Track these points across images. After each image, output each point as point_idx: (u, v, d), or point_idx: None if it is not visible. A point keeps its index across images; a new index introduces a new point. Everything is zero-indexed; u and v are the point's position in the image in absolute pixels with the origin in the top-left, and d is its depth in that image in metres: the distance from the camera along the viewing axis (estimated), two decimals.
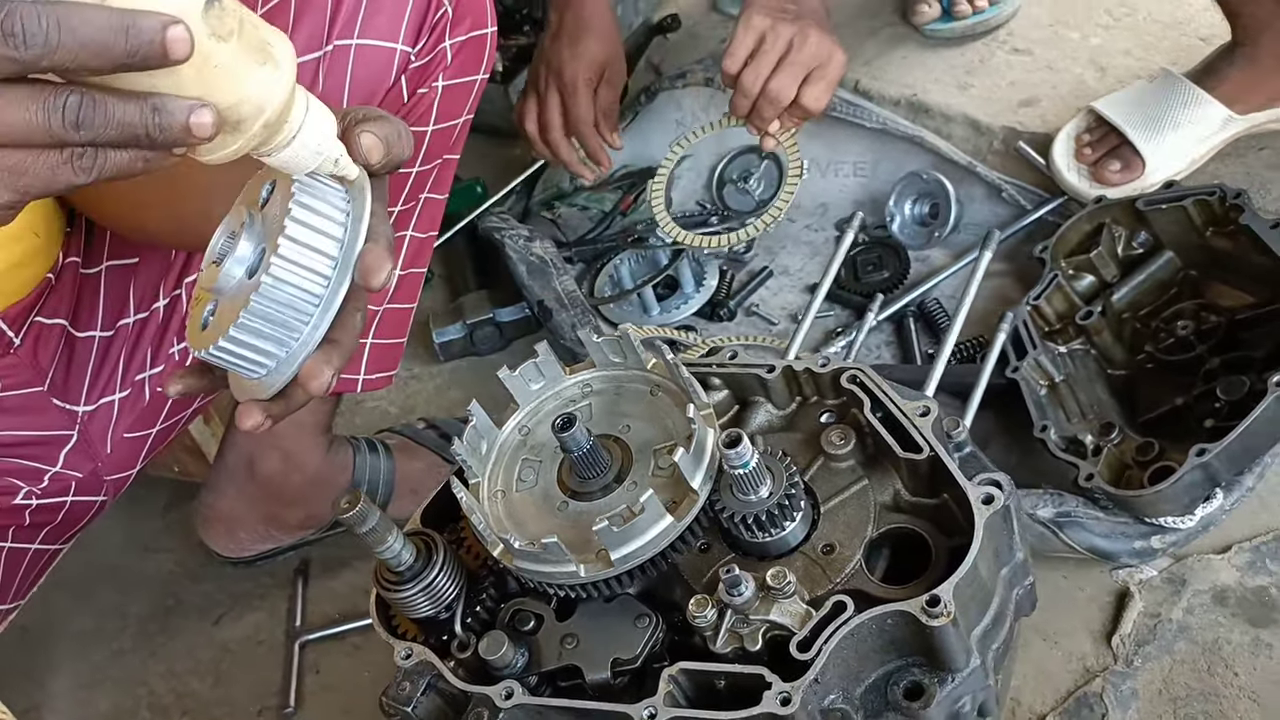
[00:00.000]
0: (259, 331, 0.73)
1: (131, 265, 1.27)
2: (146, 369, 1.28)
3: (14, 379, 1.18)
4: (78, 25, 0.57)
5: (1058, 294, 1.49)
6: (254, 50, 0.65)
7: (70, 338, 1.24)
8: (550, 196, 1.97)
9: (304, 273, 0.73)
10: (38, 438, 1.22)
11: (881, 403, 0.97)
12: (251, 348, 0.73)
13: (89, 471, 1.26)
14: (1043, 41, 1.87)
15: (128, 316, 1.27)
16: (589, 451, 0.95)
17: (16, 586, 1.22)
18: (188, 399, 1.32)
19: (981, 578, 0.89)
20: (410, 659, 0.97)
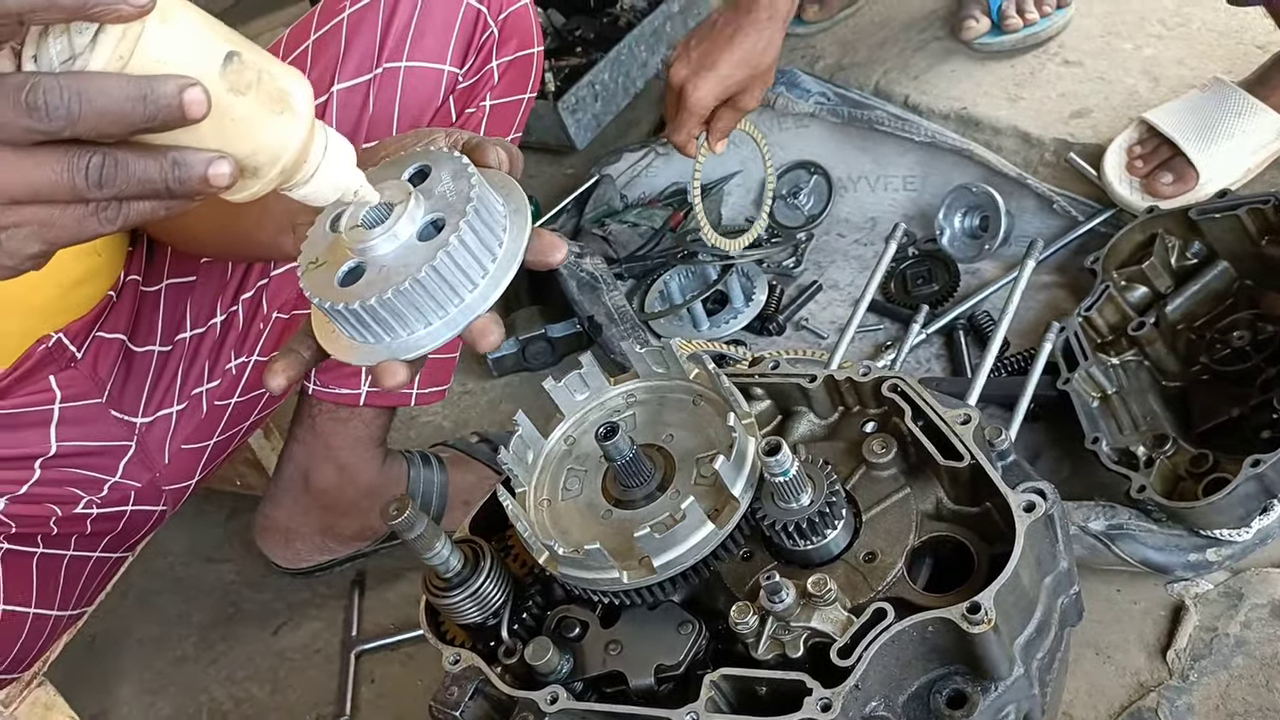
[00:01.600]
0: (431, 291, 0.75)
1: (189, 283, 1.31)
2: (204, 383, 1.32)
3: (74, 390, 1.23)
4: (96, 96, 0.60)
5: (1110, 305, 1.48)
6: (271, 100, 0.68)
7: (129, 352, 1.28)
8: (601, 214, 2.00)
9: (483, 246, 0.76)
10: (97, 448, 1.26)
11: (923, 411, 0.97)
12: (414, 307, 0.75)
13: (147, 482, 1.30)
14: (1094, 53, 1.86)
15: (185, 332, 1.31)
16: (632, 460, 0.96)
17: (79, 593, 1.26)
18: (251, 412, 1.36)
19: (1023, 585, 0.88)
20: (458, 664, 0.99)
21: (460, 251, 0.75)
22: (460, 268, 0.76)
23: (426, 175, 0.80)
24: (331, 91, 1.20)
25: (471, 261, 0.76)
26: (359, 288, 0.76)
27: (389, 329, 0.77)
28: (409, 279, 0.74)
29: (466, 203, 0.75)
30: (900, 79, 1.93)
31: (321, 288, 0.78)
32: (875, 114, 1.84)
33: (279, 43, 1.27)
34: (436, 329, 0.77)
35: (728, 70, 1.52)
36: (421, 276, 0.74)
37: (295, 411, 1.53)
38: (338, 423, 1.46)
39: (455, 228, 0.75)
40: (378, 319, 0.76)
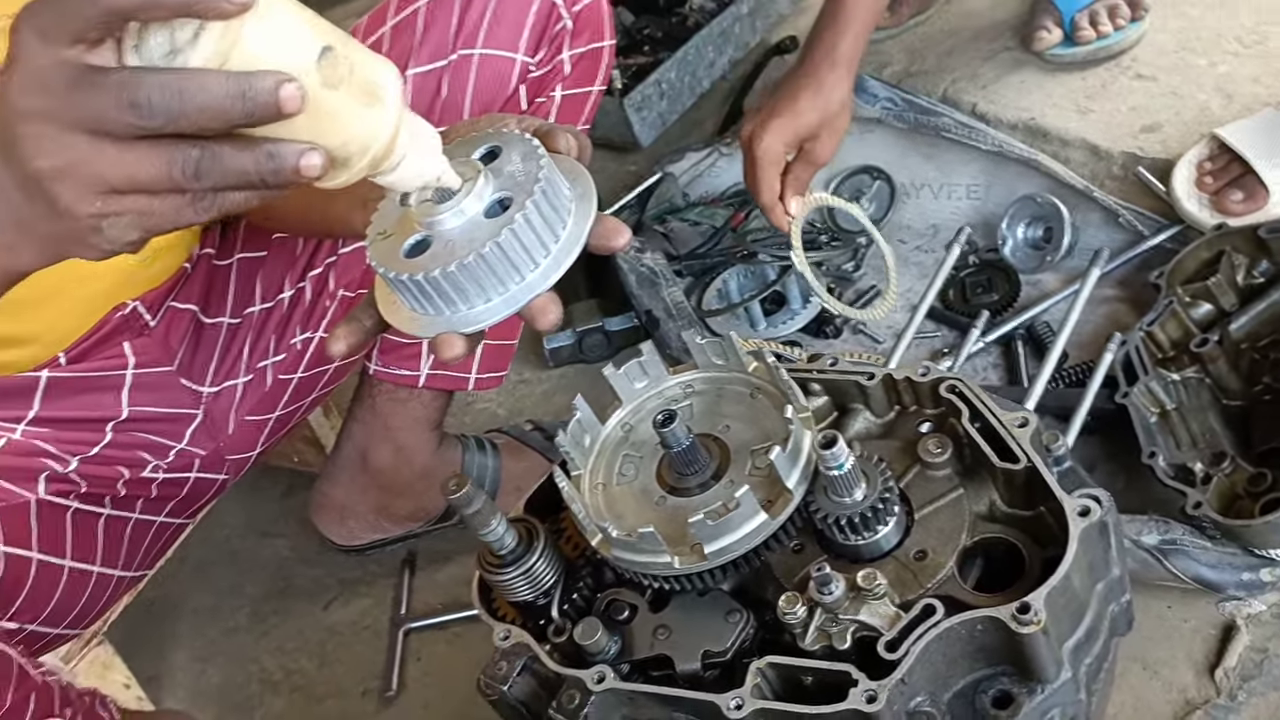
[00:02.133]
0: (494, 267, 0.77)
1: (260, 259, 1.34)
2: (269, 356, 1.35)
3: (147, 357, 1.26)
4: (196, 93, 0.62)
5: (1173, 321, 1.46)
6: (363, 92, 0.70)
7: (199, 323, 1.32)
8: (663, 210, 2.01)
9: (548, 226, 0.78)
10: (166, 414, 1.29)
11: (980, 413, 0.98)
12: (478, 281, 0.78)
13: (211, 450, 1.34)
14: (1168, 68, 1.84)
15: (254, 306, 1.34)
16: (688, 448, 0.97)
17: (142, 556, 1.29)
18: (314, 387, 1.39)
19: (1075, 589, 0.88)
20: (508, 640, 1.01)
21: (525, 230, 0.77)
22: (524, 246, 0.78)
23: (497, 156, 0.82)
24: (406, 76, 1.22)
25: (535, 240, 0.78)
26: (424, 260, 0.78)
27: (450, 302, 0.79)
28: (473, 253, 0.76)
29: (534, 183, 0.77)
30: (968, 88, 1.92)
31: (387, 258, 0.80)
32: (942, 121, 1.84)
33: (356, 28, 1.30)
34: (496, 305, 0.79)
35: (791, 115, 1.49)
36: (485, 252, 0.76)
37: (355, 391, 1.56)
38: (397, 403, 1.49)
39: (521, 206, 0.77)
40: (440, 291, 0.78)
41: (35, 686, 0.94)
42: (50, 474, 1.14)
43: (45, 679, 0.98)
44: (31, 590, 1.08)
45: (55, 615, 1.13)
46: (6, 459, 1.11)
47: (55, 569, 1.11)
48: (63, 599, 1.13)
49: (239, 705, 1.59)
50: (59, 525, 1.13)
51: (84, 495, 1.18)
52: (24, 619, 1.08)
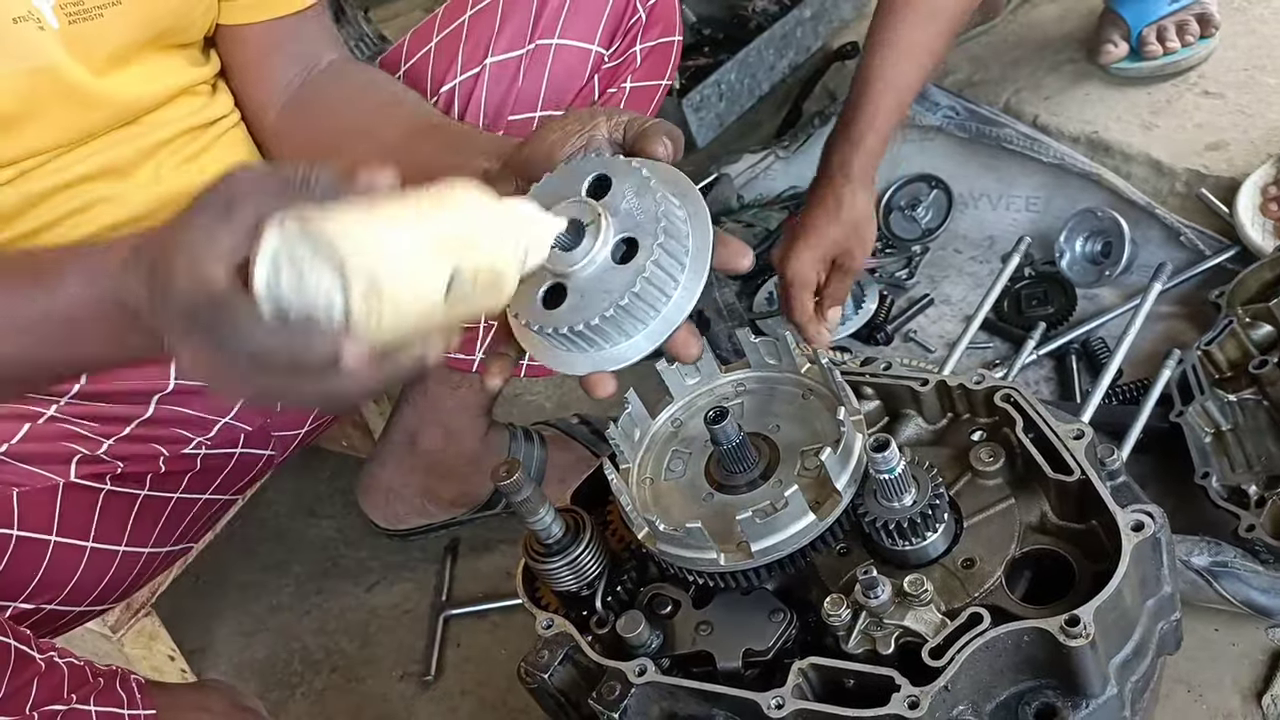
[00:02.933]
0: (633, 312, 0.80)
1: None
2: None
3: None
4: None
5: (1231, 341, 1.44)
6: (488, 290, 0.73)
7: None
8: (717, 212, 2.01)
9: (675, 262, 0.81)
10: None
11: (1034, 424, 0.97)
12: (618, 326, 0.81)
13: (258, 426, 1.33)
14: (1236, 85, 1.81)
15: None
16: (738, 446, 0.98)
17: (184, 531, 1.29)
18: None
19: (1125, 605, 0.88)
20: (551, 629, 1.01)
21: (657, 273, 0.80)
22: (657, 286, 0.80)
23: (606, 184, 0.83)
24: (485, 64, 1.24)
25: (666, 279, 0.81)
26: (564, 313, 0.82)
27: (593, 344, 0.83)
28: (613, 305, 0.80)
29: (656, 223, 0.80)
30: (1031, 99, 1.91)
31: (526, 309, 0.83)
32: (1004, 131, 1.83)
33: (434, 18, 1.32)
34: (638, 342, 0.83)
35: (816, 239, 1.53)
36: (625, 303, 0.79)
37: None
38: (449, 387, 1.50)
39: (650, 251, 0.79)
40: (583, 338, 0.82)
41: (38, 672, 0.95)
42: (82, 457, 1.15)
43: (56, 660, 0.98)
44: (48, 572, 1.08)
45: (76, 594, 1.13)
46: (32, 445, 1.11)
47: (75, 550, 1.11)
48: (84, 579, 1.13)
49: (281, 681, 1.61)
50: (87, 508, 1.13)
51: (120, 476, 1.18)
52: (41, 600, 1.09)
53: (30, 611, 1.08)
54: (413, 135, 1.16)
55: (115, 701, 1.04)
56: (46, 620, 1.11)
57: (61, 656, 1.00)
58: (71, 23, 1.08)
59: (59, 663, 0.99)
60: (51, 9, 1.06)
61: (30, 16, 1.05)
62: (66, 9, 1.07)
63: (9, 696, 0.92)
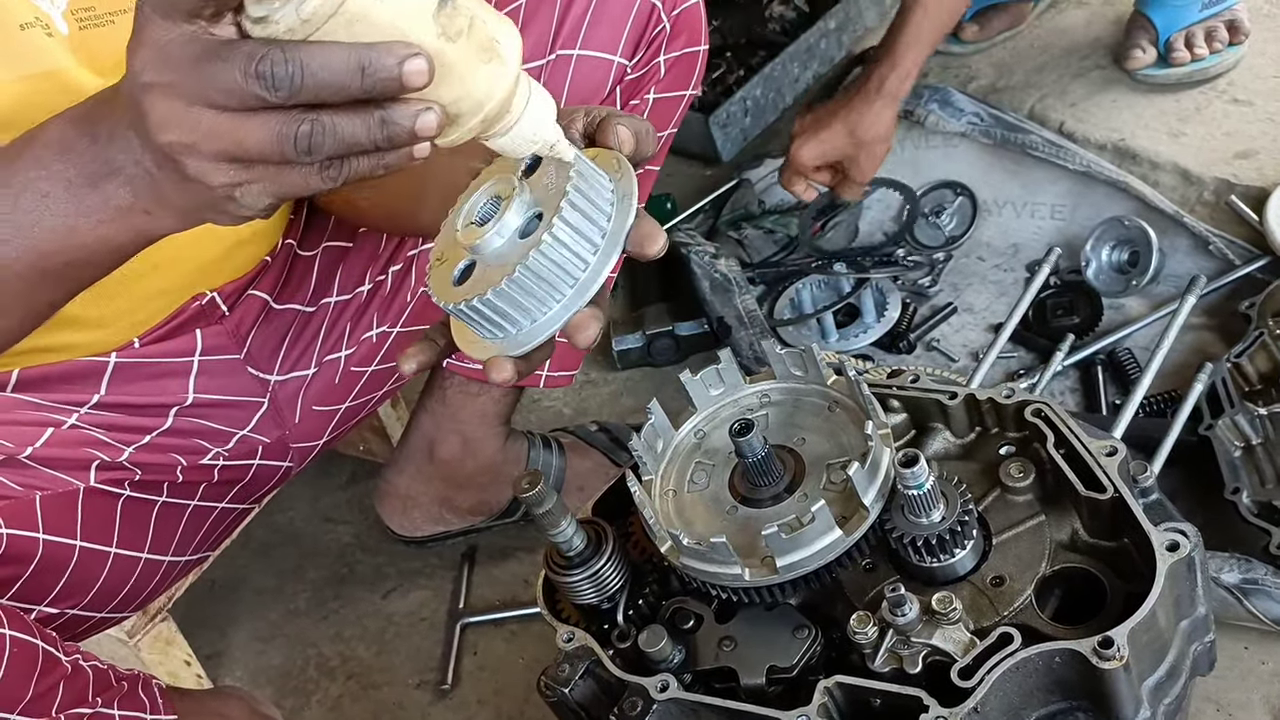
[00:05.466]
0: (528, 289, 0.76)
1: (345, 249, 1.35)
2: (342, 349, 1.35)
3: (216, 344, 1.27)
4: (319, 69, 0.63)
5: (1262, 353, 1.42)
6: (481, 49, 0.68)
7: (270, 310, 1.32)
8: (738, 217, 2.00)
9: (580, 239, 0.76)
10: (232, 401, 1.29)
11: (1066, 439, 0.95)
12: (516, 304, 0.77)
13: (276, 438, 1.33)
14: (1265, 93, 1.79)
15: (331, 296, 1.34)
16: (763, 459, 0.96)
17: (201, 539, 1.29)
18: (385, 381, 1.39)
19: (1159, 626, 0.86)
20: (571, 642, 1.00)
21: (553, 248, 0.75)
22: (556, 264, 0.76)
23: (537, 167, 0.80)
24: None
25: (568, 256, 0.76)
26: (466, 287, 0.78)
27: (496, 326, 0.78)
28: (505, 279, 0.75)
29: (561, 196, 0.75)
30: (1056, 105, 1.89)
31: (438, 285, 0.80)
32: (1030, 138, 1.80)
33: None
34: (540, 324, 0.78)
35: (828, 136, 1.66)
36: (515, 276, 0.75)
37: (426, 383, 1.56)
38: (468, 396, 1.49)
39: (548, 224, 0.75)
40: (484, 317, 0.78)
41: (64, 674, 0.94)
42: (101, 463, 1.14)
43: (81, 664, 0.98)
44: (72, 576, 1.08)
45: (99, 600, 1.13)
46: (54, 450, 1.11)
47: (100, 555, 1.11)
48: (107, 584, 1.12)
49: (296, 688, 1.61)
50: (108, 513, 1.12)
51: (138, 483, 1.18)
52: (65, 605, 1.08)
53: (54, 616, 1.08)
54: None
55: (138, 706, 1.04)
56: (69, 626, 1.11)
57: (86, 660, 1.00)
58: (81, 28, 1.06)
59: (84, 666, 0.98)
60: (61, 15, 1.05)
61: (38, 22, 1.04)
62: (77, 14, 1.06)
63: (37, 698, 0.92)
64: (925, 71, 2.08)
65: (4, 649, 0.89)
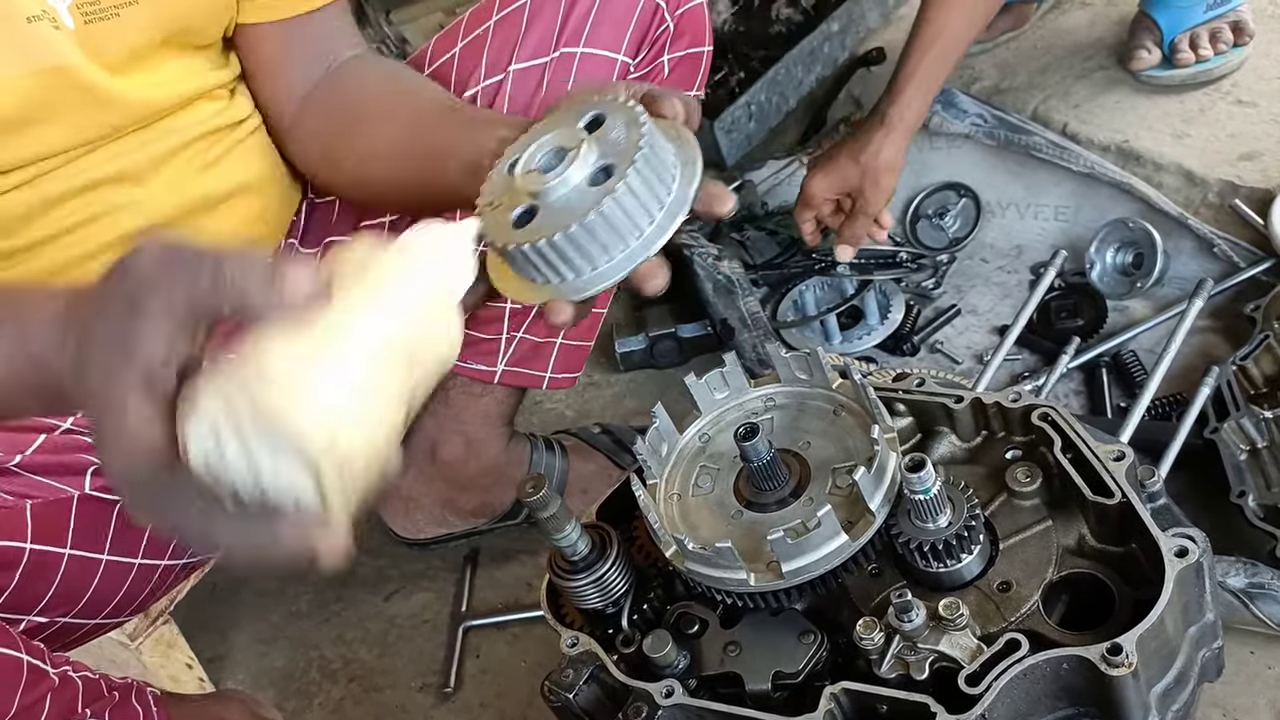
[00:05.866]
0: (598, 235, 0.79)
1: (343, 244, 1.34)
2: None
3: (213, 341, 1.26)
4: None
5: (1267, 356, 1.42)
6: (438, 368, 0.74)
7: None
8: (741, 219, 1.99)
9: (651, 192, 0.79)
10: None
11: (1073, 443, 0.95)
12: (583, 249, 0.79)
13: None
14: (1270, 94, 1.79)
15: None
16: (769, 463, 0.96)
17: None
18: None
19: (1167, 633, 0.85)
20: (576, 647, 0.99)
21: (627, 198, 0.78)
22: (627, 214, 0.79)
23: (601, 124, 0.83)
24: (508, 71, 1.22)
25: (638, 208, 0.79)
26: (530, 230, 0.80)
27: (556, 271, 0.81)
28: (576, 223, 0.78)
29: (635, 150, 0.78)
30: (1060, 106, 1.88)
31: (496, 228, 0.82)
32: (1033, 140, 1.80)
33: (459, 23, 1.30)
34: (603, 271, 0.81)
35: (836, 168, 1.66)
36: (588, 221, 0.77)
37: None
38: (470, 397, 1.49)
39: (623, 174, 0.78)
40: (547, 260, 0.80)
41: (51, 687, 0.94)
42: (96, 469, 1.12)
43: (70, 675, 0.97)
44: (62, 585, 1.06)
45: (91, 607, 1.11)
46: (47, 456, 1.10)
47: (90, 563, 1.09)
48: (99, 592, 1.11)
49: (299, 691, 1.60)
50: (101, 520, 1.11)
51: None
52: (55, 613, 1.07)
53: (45, 625, 1.07)
54: (430, 116, 1.15)
55: (131, 715, 1.03)
56: (63, 632, 1.10)
57: (76, 671, 0.99)
58: (87, 22, 1.06)
59: (73, 677, 0.98)
60: (67, 8, 1.05)
61: (45, 15, 1.03)
62: (83, 8, 1.05)
63: (22, 711, 0.91)
64: None
65: None
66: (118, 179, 1.15)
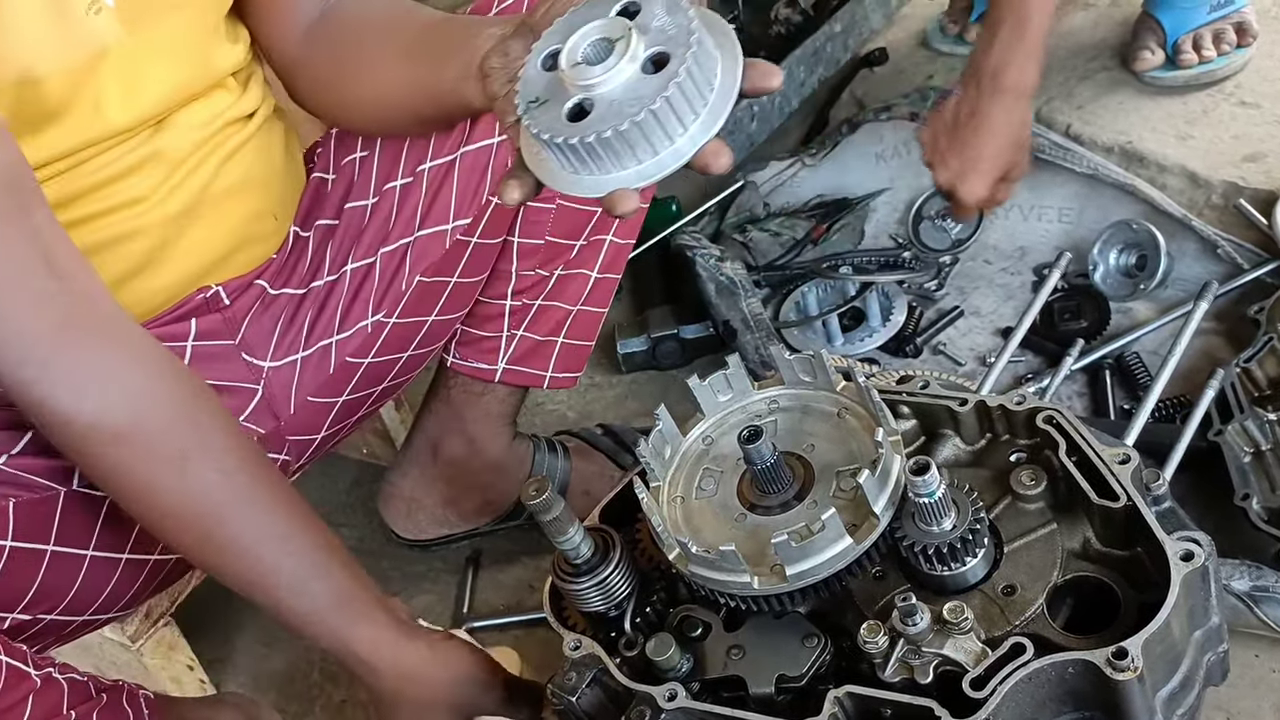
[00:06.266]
0: (667, 118, 0.79)
1: (331, 227, 1.33)
2: (333, 334, 1.31)
3: (208, 328, 1.25)
4: None
5: (1271, 358, 1.42)
6: None
7: (266, 296, 1.31)
8: (743, 220, 1.99)
9: (710, 71, 0.81)
10: (225, 387, 1.26)
11: (1078, 446, 0.94)
12: (655, 132, 0.80)
13: (272, 429, 1.30)
14: (1274, 95, 1.78)
15: (319, 279, 1.32)
16: (772, 466, 0.95)
17: None
18: (384, 376, 1.38)
19: (1173, 637, 0.85)
20: (579, 650, 0.99)
21: (688, 83, 0.79)
22: (687, 98, 0.80)
23: (635, 11, 0.83)
24: None
25: (695, 92, 0.80)
26: (591, 122, 0.80)
27: (619, 161, 0.81)
28: (644, 110, 0.78)
29: (689, 34, 0.79)
30: (1063, 107, 1.88)
31: (551, 125, 0.82)
32: (1037, 141, 1.79)
33: None
34: (665, 157, 0.81)
35: (990, 163, 1.53)
36: (657, 108, 0.78)
37: (430, 384, 1.55)
38: (472, 396, 1.48)
39: (683, 59, 0.79)
40: (611, 151, 0.80)
41: (33, 688, 0.93)
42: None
43: (54, 676, 0.96)
44: (44, 583, 1.04)
45: (78, 604, 1.09)
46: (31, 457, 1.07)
47: (74, 559, 1.08)
48: (83, 589, 1.09)
49: (300, 694, 1.60)
50: (89, 516, 1.09)
51: None
52: (39, 610, 1.05)
53: (29, 622, 1.05)
54: (428, 27, 1.17)
55: (119, 717, 1.02)
56: (48, 631, 1.08)
57: (62, 673, 0.98)
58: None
59: (58, 679, 0.97)
60: None
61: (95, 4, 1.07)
62: None
63: (2, 714, 0.90)
64: (930, 74, 2.09)
65: None
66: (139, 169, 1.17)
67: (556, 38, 0.85)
